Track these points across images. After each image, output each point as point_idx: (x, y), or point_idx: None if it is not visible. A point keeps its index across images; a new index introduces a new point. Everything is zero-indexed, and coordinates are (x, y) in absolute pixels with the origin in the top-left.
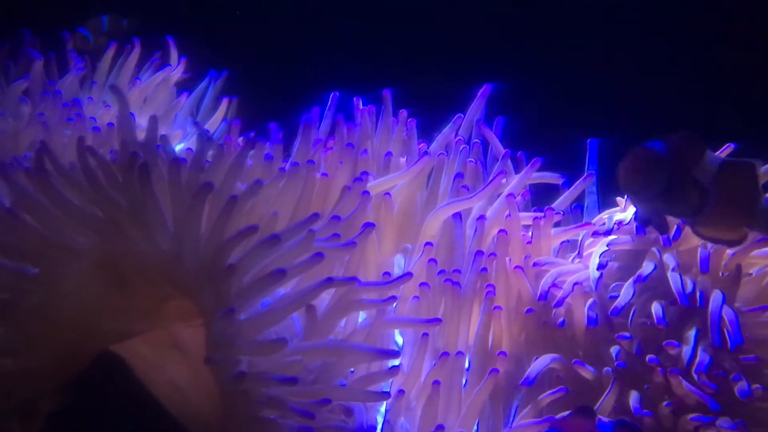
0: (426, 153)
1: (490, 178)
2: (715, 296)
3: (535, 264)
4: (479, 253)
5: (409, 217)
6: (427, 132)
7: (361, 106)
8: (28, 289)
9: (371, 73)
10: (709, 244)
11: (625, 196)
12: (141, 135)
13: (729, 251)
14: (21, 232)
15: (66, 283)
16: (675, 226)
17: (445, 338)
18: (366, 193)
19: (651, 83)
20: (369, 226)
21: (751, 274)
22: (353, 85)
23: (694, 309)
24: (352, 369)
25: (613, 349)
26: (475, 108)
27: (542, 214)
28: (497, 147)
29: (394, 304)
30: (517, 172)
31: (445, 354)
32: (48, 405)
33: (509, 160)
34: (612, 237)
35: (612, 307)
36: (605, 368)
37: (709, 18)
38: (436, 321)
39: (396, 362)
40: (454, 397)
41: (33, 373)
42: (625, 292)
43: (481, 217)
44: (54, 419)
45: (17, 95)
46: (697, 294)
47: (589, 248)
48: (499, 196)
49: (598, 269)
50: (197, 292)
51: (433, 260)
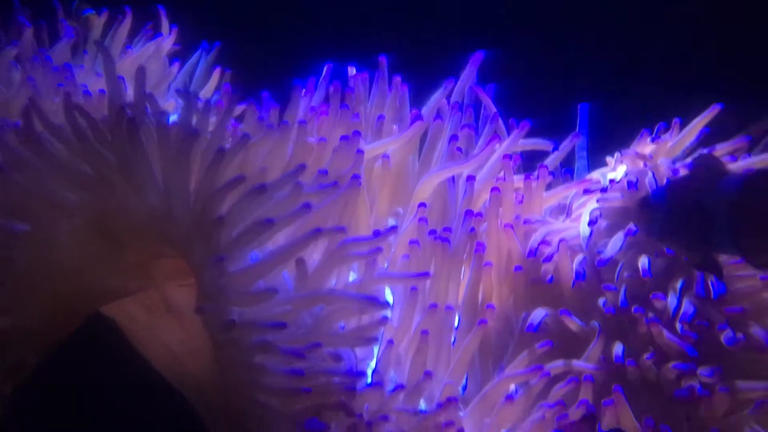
0: (419, 117)
1: (485, 142)
2: None
3: (525, 222)
4: (469, 212)
5: (401, 182)
6: (418, 99)
7: (354, 73)
8: (20, 246)
9: (365, 42)
10: None
11: (615, 156)
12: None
13: None
14: (10, 189)
15: (57, 240)
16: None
17: (434, 295)
18: (360, 151)
19: (640, 46)
20: (356, 178)
21: None
22: (347, 56)
23: (680, 260)
24: (342, 324)
25: (600, 300)
26: (467, 75)
27: (535, 173)
28: (490, 107)
29: (386, 265)
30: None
31: (434, 305)
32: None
33: (501, 123)
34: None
35: (599, 258)
36: (592, 321)
37: None
38: (425, 275)
39: (387, 313)
40: (443, 350)
41: (25, 333)
42: (614, 243)
43: (471, 178)
44: (42, 377)
45: (7, 61)
46: None
47: (578, 210)
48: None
49: (588, 225)
50: (188, 246)
51: (423, 219)
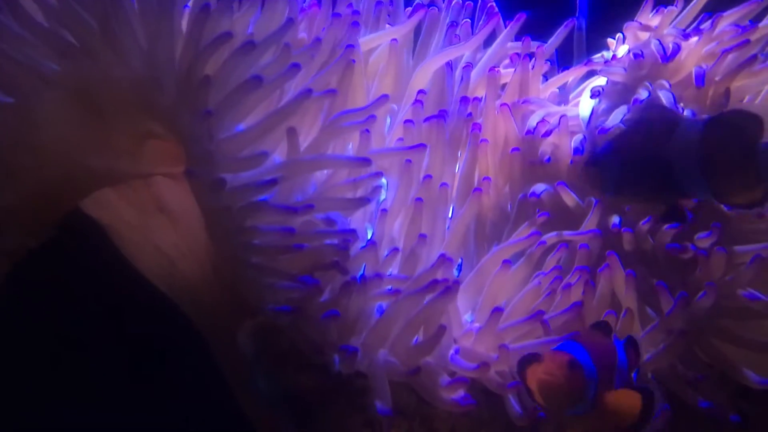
0: (420, 6)
1: (483, 25)
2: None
3: (524, 101)
4: (465, 98)
5: (396, 77)
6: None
7: None
8: (4, 118)
9: None
10: (704, 66)
11: (617, 37)
12: None
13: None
14: None
15: (41, 112)
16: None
17: (430, 171)
18: (355, 24)
19: None
20: (351, 47)
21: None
22: None
23: None
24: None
25: None
26: None
27: (531, 61)
28: None
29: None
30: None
31: (429, 176)
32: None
33: (500, 18)
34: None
35: (601, 127)
36: (588, 198)
37: None
38: (421, 146)
39: (381, 180)
40: (438, 223)
41: (14, 213)
42: (616, 114)
43: (468, 66)
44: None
45: None
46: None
47: (575, 99)
48: (486, 48)
49: (591, 97)
50: (175, 116)
51: (419, 102)
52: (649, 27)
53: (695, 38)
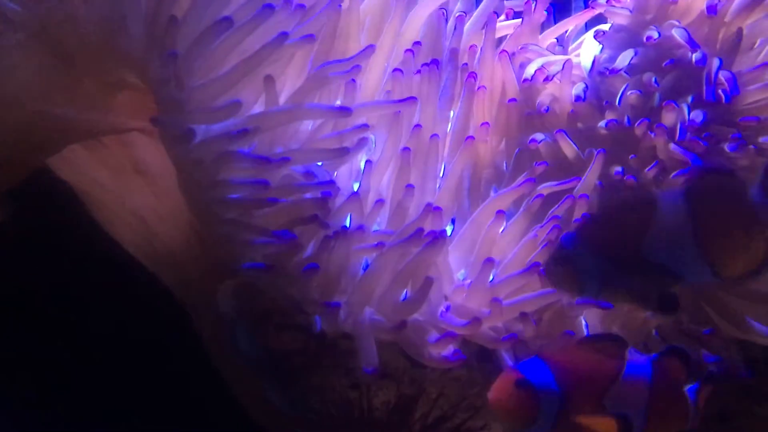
0: None
1: None
2: (713, 60)
3: (521, 49)
4: (455, 50)
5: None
6: None
7: None
8: None
9: None
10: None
11: None
12: None
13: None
14: None
15: (5, 57)
16: None
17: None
18: None
19: None
20: None
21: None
22: None
23: (690, 71)
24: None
25: (601, 123)
26: None
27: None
28: None
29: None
30: None
31: (418, 126)
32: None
33: None
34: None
35: (609, 68)
36: (589, 149)
37: None
38: (411, 99)
39: (366, 133)
40: (428, 177)
41: None
42: (623, 57)
43: (461, 16)
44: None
45: None
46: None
47: (575, 51)
48: None
49: (594, 38)
50: (142, 60)
51: (410, 51)
52: None
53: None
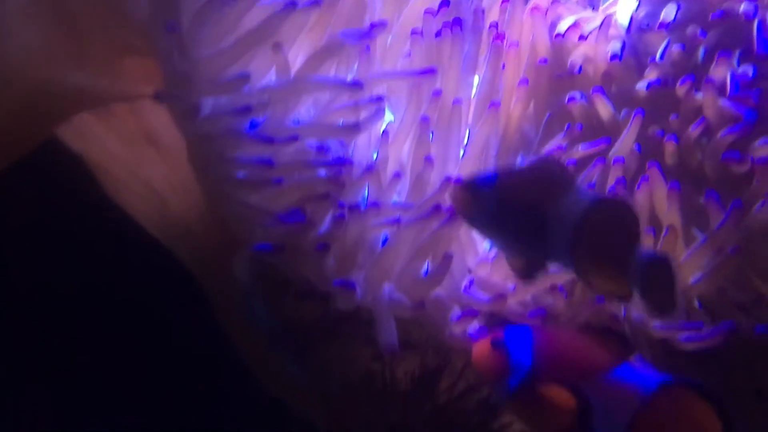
0: None
1: None
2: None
3: (553, 3)
4: (479, 9)
5: None
6: None
7: None
8: None
9: None
10: None
11: None
12: None
13: None
14: None
15: (7, 21)
16: None
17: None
18: None
19: None
20: None
21: None
22: None
23: (738, 24)
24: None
25: (639, 84)
26: None
27: None
28: None
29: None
30: None
31: (438, 92)
32: None
33: None
34: None
35: (651, 24)
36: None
37: None
38: (430, 71)
39: (382, 105)
40: (451, 145)
41: None
42: (668, 9)
43: None
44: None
45: None
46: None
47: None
48: None
49: None
50: (149, 28)
51: (430, 11)
52: None
53: None
